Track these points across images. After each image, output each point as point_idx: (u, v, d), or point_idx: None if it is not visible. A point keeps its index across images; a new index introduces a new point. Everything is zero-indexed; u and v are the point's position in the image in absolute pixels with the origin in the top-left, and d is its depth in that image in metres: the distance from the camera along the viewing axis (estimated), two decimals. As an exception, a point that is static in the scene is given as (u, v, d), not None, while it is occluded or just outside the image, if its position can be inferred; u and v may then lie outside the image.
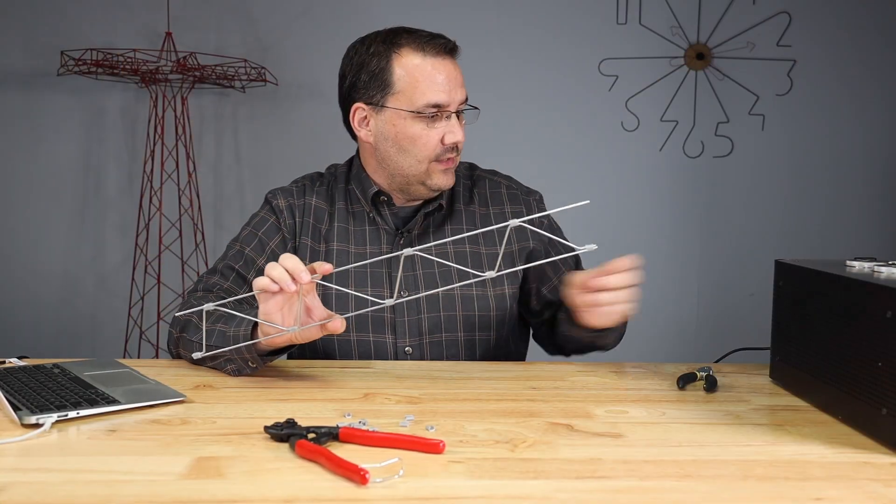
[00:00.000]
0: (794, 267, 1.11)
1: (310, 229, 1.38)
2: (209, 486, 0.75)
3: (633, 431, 0.93)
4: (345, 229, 1.38)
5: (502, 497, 0.74)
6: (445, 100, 1.28)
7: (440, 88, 1.28)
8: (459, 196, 1.41)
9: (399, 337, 1.33)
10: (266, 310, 1.07)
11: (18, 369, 1.14)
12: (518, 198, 1.43)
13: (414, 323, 1.34)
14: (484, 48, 3.03)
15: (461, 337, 1.35)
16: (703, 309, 3.16)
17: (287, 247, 1.38)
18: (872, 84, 3.07)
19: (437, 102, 1.28)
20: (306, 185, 1.42)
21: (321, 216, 1.39)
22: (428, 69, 1.28)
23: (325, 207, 1.39)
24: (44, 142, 3.04)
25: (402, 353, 1.34)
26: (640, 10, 3.05)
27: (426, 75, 1.28)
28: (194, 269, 2.96)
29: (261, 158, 3.07)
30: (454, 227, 1.38)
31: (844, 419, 0.97)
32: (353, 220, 1.38)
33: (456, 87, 1.29)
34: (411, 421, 0.95)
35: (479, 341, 1.36)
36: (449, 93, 1.28)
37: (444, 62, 1.29)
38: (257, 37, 3.01)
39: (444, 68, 1.29)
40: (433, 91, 1.27)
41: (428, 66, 1.28)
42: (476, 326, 1.35)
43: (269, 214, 1.40)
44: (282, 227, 1.38)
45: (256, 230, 1.39)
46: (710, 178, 3.12)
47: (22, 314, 3.07)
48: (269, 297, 1.06)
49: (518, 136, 3.07)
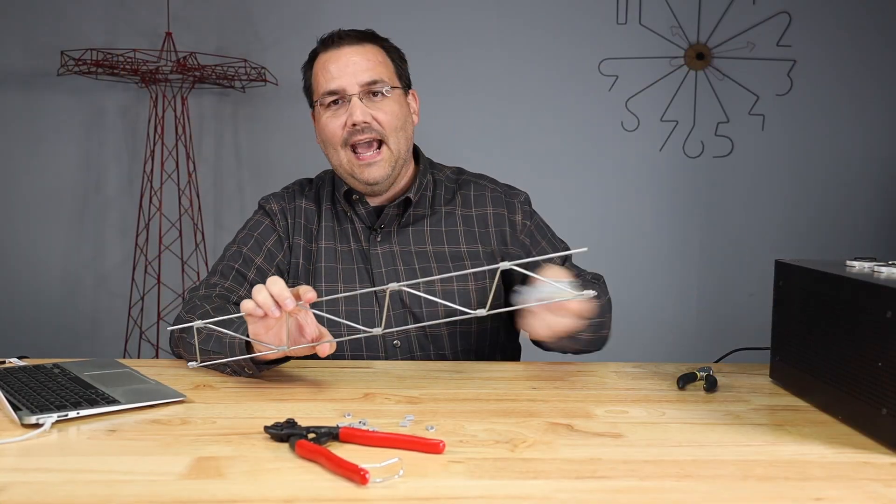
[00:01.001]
0: (794, 267, 1.11)
1: (302, 230, 1.42)
2: (209, 486, 0.75)
3: (633, 431, 0.93)
4: (331, 228, 1.42)
5: (502, 497, 0.74)
6: (337, 85, 1.33)
7: (332, 76, 1.34)
8: (441, 198, 1.44)
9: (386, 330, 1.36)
10: (255, 331, 1.07)
11: (18, 369, 1.14)
12: (501, 199, 1.44)
13: (400, 317, 1.36)
14: (484, 48, 3.03)
15: (444, 330, 1.37)
16: (703, 309, 3.16)
17: (283, 245, 1.41)
18: (872, 84, 3.07)
19: (329, 90, 1.34)
20: (295, 189, 1.48)
21: (311, 217, 1.44)
22: (323, 62, 1.36)
23: (314, 209, 1.44)
24: (44, 142, 3.04)
25: (390, 346, 1.36)
26: (640, 10, 3.05)
27: (321, 68, 1.36)
28: (194, 269, 2.96)
29: (261, 158, 3.07)
30: (434, 229, 1.41)
31: (844, 419, 0.97)
32: (336, 219, 1.43)
33: (354, 71, 1.33)
34: (411, 421, 0.95)
35: (461, 334, 1.38)
36: (343, 77, 1.33)
37: (339, 51, 1.35)
38: (257, 37, 3.01)
39: (337, 57, 1.35)
40: (326, 80, 1.34)
41: (324, 59, 1.36)
42: (459, 319, 1.37)
43: (264, 217, 1.44)
44: (276, 227, 1.42)
45: (252, 232, 1.43)
46: (710, 178, 3.12)
47: (22, 314, 3.07)
48: (257, 319, 1.06)
49: (518, 136, 3.07)
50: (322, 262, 1.39)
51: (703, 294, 3.15)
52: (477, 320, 1.38)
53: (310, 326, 1.09)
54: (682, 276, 3.15)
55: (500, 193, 1.45)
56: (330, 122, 1.35)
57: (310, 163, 2.92)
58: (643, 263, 3.12)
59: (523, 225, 1.43)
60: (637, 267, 3.11)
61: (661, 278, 3.13)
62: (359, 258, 1.39)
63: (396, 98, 1.37)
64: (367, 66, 1.34)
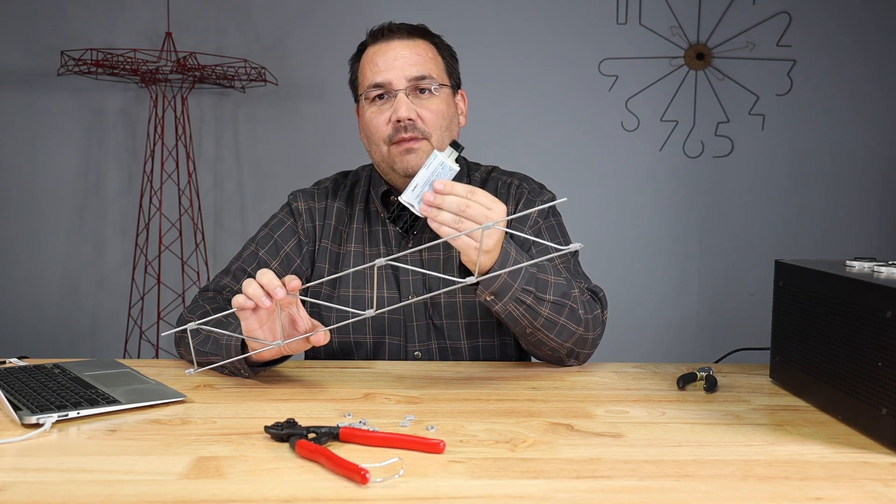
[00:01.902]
0: (794, 267, 1.11)
1: (331, 232, 1.39)
2: (209, 486, 0.75)
3: (633, 431, 0.93)
4: (361, 231, 1.39)
5: (502, 497, 0.74)
6: (384, 79, 1.30)
7: (379, 69, 1.30)
8: None
9: (409, 341, 1.35)
10: (248, 327, 1.07)
11: (19, 369, 1.14)
12: (524, 195, 1.40)
13: (423, 328, 1.35)
14: (484, 48, 3.03)
15: (465, 345, 1.35)
16: (703, 309, 3.16)
17: (303, 250, 1.38)
18: (872, 84, 3.07)
19: (375, 83, 1.30)
20: (329, 187, 1.43)
21: (342, 218, 1.40)
22: (371, 55, 1.33)
23: (346, 209, 1.41)
24: (44, 142, 3.04)
25: (412, 356, 1.35)
26: (640, 10, 3.05)
27: (369, 61, 1.33)
28: (194, 269, 2.96)
29: (261, 158, 3.07)
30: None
31: (844, 419, 0.97)
32: (368, 221, 1.40)
33: (402, 65, 1.30)
34: (411, 421, 0.95)
35: (483, 348, 1.36)
36: (388, 72, 1.30)
37: (388, 44, 1.32)
38: (257, 37, 3.01)
39: (385, 50, 1.31)
40: (373, 73, 1.31)
41: (372, 52, 1.33)
42: (479, 333, 1.35)
43: (288, 217, 1.41)
44: (298, 230, 1.39)
45: (273, 232, 1.39)
46: (710, 178, 3.12)
47: (22, 314, 3.07)
48: (249, 314, 1.05)
49: (518, 135, 3.07)
50: (350, 266, 1.36)
51: (703, 294, 3.16)
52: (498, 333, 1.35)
53: (302, 320, 1.08)
54: (682, 276, 3.15)
55: (526, 190, 1.40)
56: (374, 117, 1.31)
57: (310, 162, 2.93)
58: (643, 263, 3.12)
59: (535, 221, 1.38)
60: (637, 267, 3.11)
61: (661, 278, 3.13)
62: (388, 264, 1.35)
63: (444, 97, 1.33)
64: (416, 60, 1.31)
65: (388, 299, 1.34)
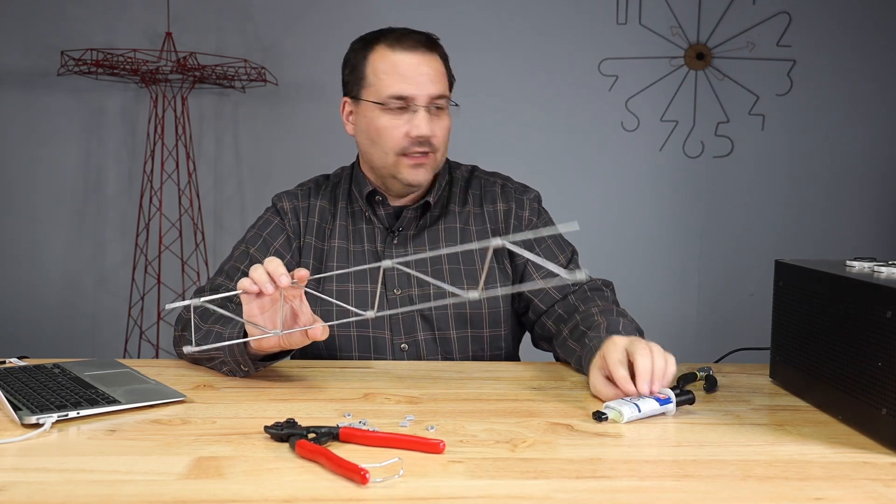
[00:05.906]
0: (794, 267, 1.11)
1: (314, 228, 1.40)
2: (209, 486, 0.75)
3: (633, 431, 0.93)
4: (345, 228, 1.41)
5: (502, 497, 0.74)
6: (410, 92, 1.29)
7: (405, 80, 1.29)
8: (456, 197, 1.43)
9: (395, 334, 1.35)
10: (249, 311, 1.07)
11: (18, 369, 1.14)
12: (511, 195, 1.43)
13: (408, 319, 1.35)
14: (484, 48, 3.03)
15: (454, 335, 1.36)
16: (703, 309, 3.16)
17: (291, 246, 1.40)
18: (872, 84, 3.07)
19: (400, 94, 1.29)
20: (311, 188, 1.45)
21: (325, 215, 1.42)
22: (395, 62, 1.30)
23: (329, 207, 1.42)
24: (44, 142, 3.04)
25: (398, 349, 1.35)
26: (640, 10, 3.05)
27: (392, 67, 1.30)
28: (194, 269, 2.96)
29: (261, 158, 3.07)
30: (448, 227, 1.40)
31: (844, 419, 0.97)
32: (352, 219, 1.41)
33: (425, 81, 1.30)
34: (411, 421, 0.95)
35: (473, 338, 1.37)
36: (414, 85, 1.29)
37: (413, 56, 1.31)
38: (257, 37, 3.01)
39: (411, 61, 1.30)
40: (398, 83, 1.29)
41: (395, 58, 1.31)
42: (468, 324, 1.36)
43: (274, 216, 1.42)
44: (286, 227, 1.41)
45: (261, 231, 1.41)
46: (710, 178, 3.12)
47: (22, 314, 3.07)
48: (252, 298, 1.06)
49: (518, 136, 3.07)
50: (334, 262, 1.38)
51: (703, 294, 3.16)
52: (489, 325, 1.37)
53: (304, 315, 1.08)
54: (682, 276, 3.15)
55: (511, 190, 1.44)
56: (390, 126, 1.31)
57: (310, 162, 2.92)
58: (643, 263, 3.12)
59: (529, 221, 1.42)
60: (637, 267, 3.11)
61: (661, 278, 3.13)
62: (372, 259, 1.37)
63: (449, 113, 1.36)
64: (436, 77, 1.31)
65: (370, 292, 1.35)
